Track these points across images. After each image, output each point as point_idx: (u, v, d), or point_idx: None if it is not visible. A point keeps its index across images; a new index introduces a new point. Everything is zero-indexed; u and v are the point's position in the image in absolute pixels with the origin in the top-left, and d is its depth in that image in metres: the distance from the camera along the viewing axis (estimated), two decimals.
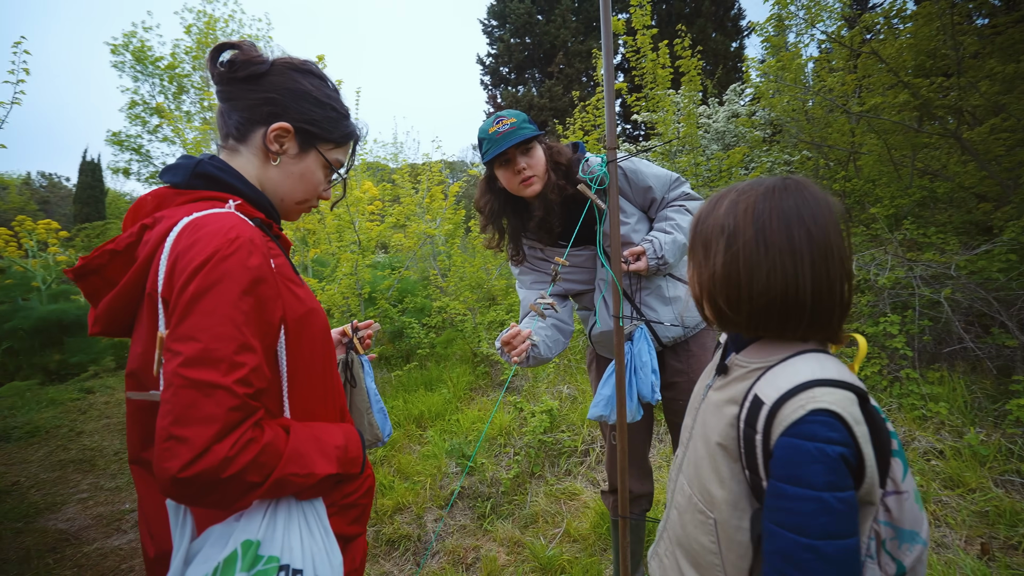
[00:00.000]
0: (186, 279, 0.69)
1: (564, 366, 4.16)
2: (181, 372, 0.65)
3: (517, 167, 1.44)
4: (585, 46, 16.25)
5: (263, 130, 0.88)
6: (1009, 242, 2.91)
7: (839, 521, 0.66)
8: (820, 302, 0.73)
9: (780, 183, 0.78)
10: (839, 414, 0.67)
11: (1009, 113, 3.22)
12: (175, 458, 0.63)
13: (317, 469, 0.76)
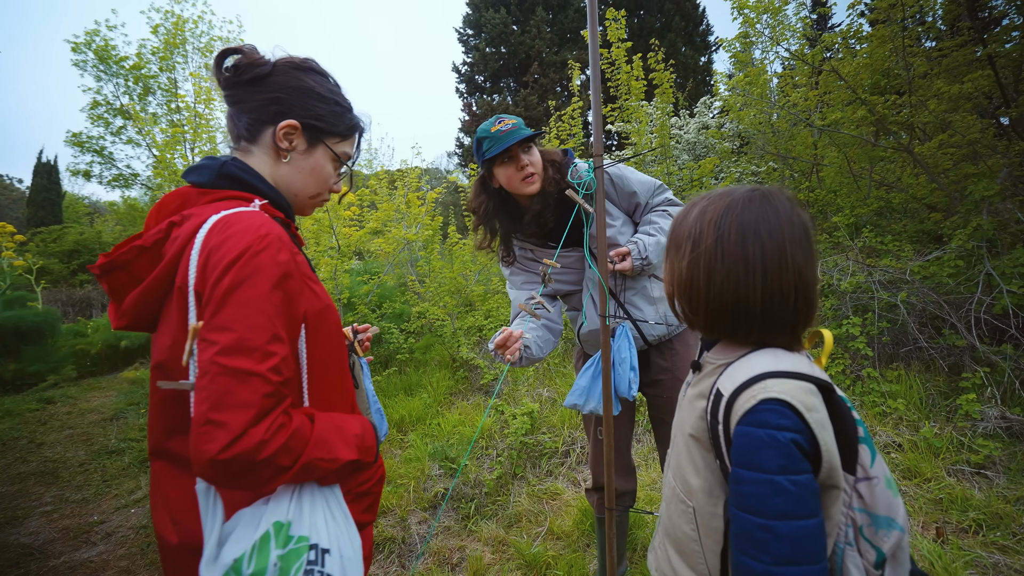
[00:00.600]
0: (220, 273, 0.73)
1: (544, 370, 4.22)
2: (218, 360, 0.69)
3: (520, 164, 1.50)
4: (560, 57, 16.54)
5: (272, 129, 0.91)
6: (957, 249, 3.13)
7: (793, 502, 0.70)
8: (770, 311, 0.78)
9: (748, 195, 0.82)
10: (789, 402, 0.72)
11: (955, 130, 3.46)
12: (213, 441, 0.66)
13: (340, 455, 0.80)
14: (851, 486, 0.76)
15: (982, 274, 2.97)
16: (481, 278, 5.70)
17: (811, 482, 0.71)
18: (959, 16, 4.04)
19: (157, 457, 0.84)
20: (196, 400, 0.69)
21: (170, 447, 0.82)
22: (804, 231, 0.80)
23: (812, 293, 0.80)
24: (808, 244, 0.80)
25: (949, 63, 3.73)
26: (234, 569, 0.69)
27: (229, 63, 0.91)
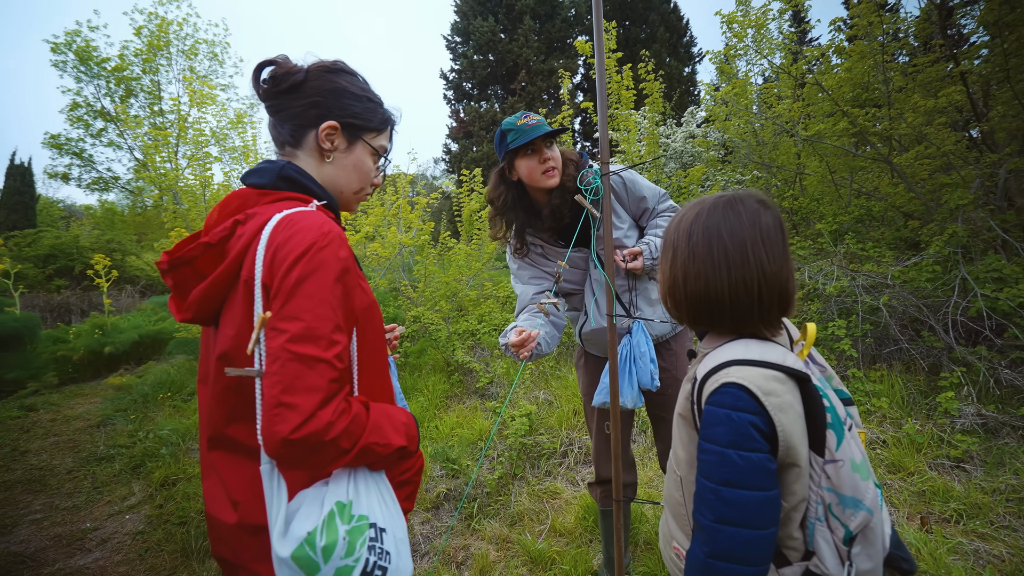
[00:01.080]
0: (288, 267, 0.78)
1: (540, 372, 4.28)
2: (288, 347, 0.74)
3: (543, 156, 1.56)
4: (547, 65, 16.74)
5: (314, 132, 0.96)
6: (934, 255, 3.29)
7: (738, 473, 0.80)
8: (736, 302, 0.89)
9: (715, 202, 0.94)
10: (746, 387, 0.82)
11: (930, 142, 3.65)
12: (286, 422, 0.71)
13: (393, 440, 0.86)
14: (820, 467, 0.84)
15: (958, 279, 3.13)
16: (475, 283, 5.76)
17: (763, 461, 0.81)
18: (932, 34, 4.25)
19: (215, 445, 0.88)
20: (266, 384, 0.74)
21: (229, 433, 0.86)
22: (767, 230, 0.90)
23: (777, 284, 0.89)
24: (771, 241, 0.90)
25: (923, 78, 3.93)
26: (307, 542, 0.74)
27: (266, 75, 0.96)
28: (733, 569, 0.82)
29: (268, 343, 0.76)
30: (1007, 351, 2.98)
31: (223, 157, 5.52)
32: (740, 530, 0.81)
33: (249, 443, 0.85)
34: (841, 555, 0.84)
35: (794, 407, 0.82)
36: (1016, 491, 2.31)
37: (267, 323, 0.78)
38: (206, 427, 0.89)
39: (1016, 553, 1.98)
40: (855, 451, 0.86)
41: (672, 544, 1.02)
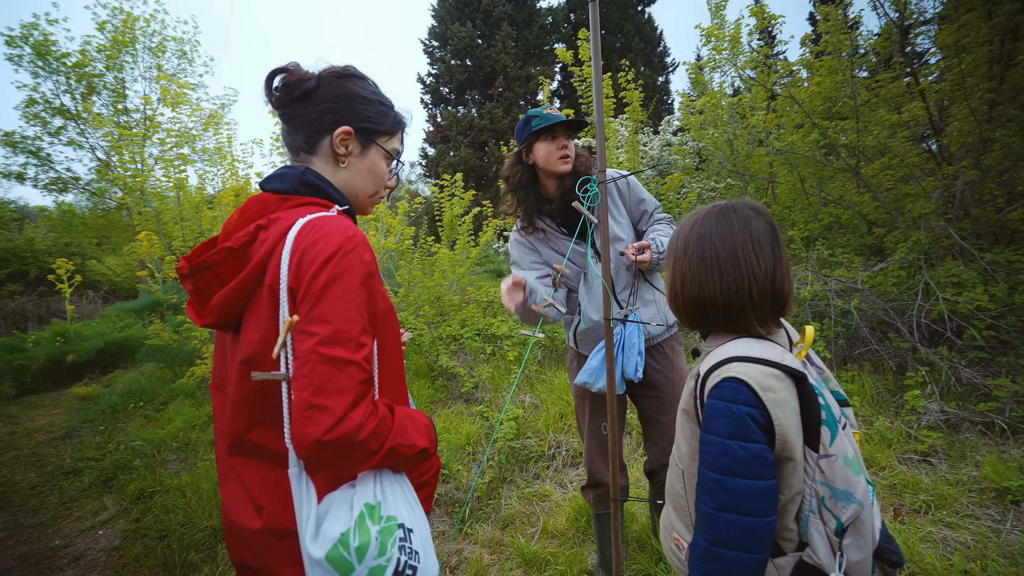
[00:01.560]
0: (316, 270, 0.79)
1: (524, 376, 4.31)
2: (318, 350, 0.75)
3: (561, 143, 1.68)
4: (524, 71, 16.89)
5: (328, 138, 0.97)
6: (899, 261, 3.47)
7: (739, 463, 0.85)
8: (729, 303, 0.96)
9: (708, 211, 1.02)
10: (746, 382, 0.87)
11: (894, 154, 3.85)
12: (317, 424, 0.72)
13: (417, 442, 0.87)
14: (814, 462, 0.89)
15: (921, 283, 3.31)
16: (457, 287, 5.76)
17: (762, 451, 0.86)
18: (892, 52, 4.50)
19: (236, 451, 0.87)
20: (297, 387, 0.75)
21: (252, 438, 0.86)
22: (757, 234, 0.97)
23: (768, 284, 0.96)
24: (761, 245, 0.97)
25: (885, 94, 4.15)
26: (341, 543, 0.75)
27: (278, 83, 0.96)
28: (735, 556, 0.86)
29: (297, 346, 0.77)
30: (966, 351, 3.17)
31: (197, 159, 5.38)
32: (741, 518, 0.86)
33: (273, 447, 0.86)
34: (833, 546, 0.89)
35: (790, 403, 0.88)
36: (977, 482, 2.46)
37: (295, 326, 0.79)
38: (226, 433, 0.89)
39: (979, 540, 2.11)
40: (848, 447, 0.91)
41: (672, 535, 1.07)
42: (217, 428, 0.96)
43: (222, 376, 0.97)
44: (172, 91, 4.69)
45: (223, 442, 0.91)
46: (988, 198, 3.63)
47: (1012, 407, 2.81)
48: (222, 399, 0.96)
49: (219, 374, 0.98)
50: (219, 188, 5.38)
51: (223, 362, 0.97)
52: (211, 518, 2.74)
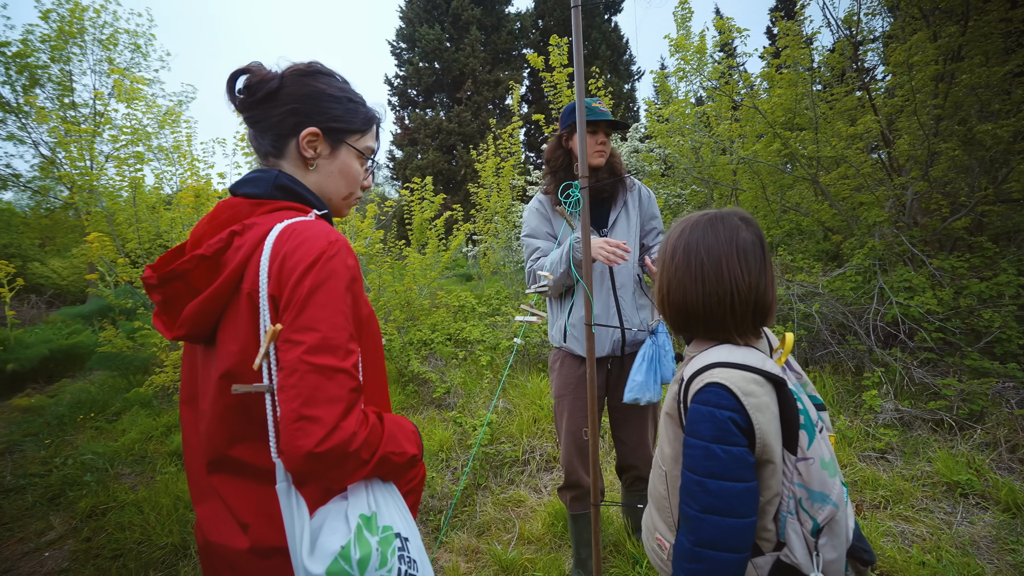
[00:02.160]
0: (299, 276, 0.76)
1: (497, 382, 4.29)
2: (306, 359, 0.72)
3: (600, 139, 1.80)
4: (493, 76, 16.93)
5: (295, 140, 0.92)
6: (856, 266, 3.64)
7: (722, 466, 0.88)
8: (710, 313, 0.99)
9: (697, 220, 1.04)
10: (728, 387, 0.90)
11: (850, 163, 4.05)
12: (309, 435, 0.69)
13: (407, 449, 0.85)
14: (792, 464, 0.92)
15: (876, 288, 3.48)
16: (428, 292, 5.69)
17: (743, 454, 0.88)
18: (845, 68, 4.74)
19: (216, 469, 0.83)
20: (284, 399, 0.72)
21: (233, 455, 0.82)
22: (744, 246, 0.99)
23: (751, 296, 0.98)
24: (747, 256, 0.99)
25: (841, 107, 4.36)
26: (342, 556, 0.72)
27: (240, 85, 0.91)
28: (717, 556, 0.89)
29: (282, 356, 0.74)
30: (917, 352, 3.35)
31: (154, 157, 5.13)
32: (724, 519, 0.88)
33: (255, 463, 0.82)
34: (809, 546, 0.92)
35: (770, 408, 0.90)
36: (930, 477, 2.59)
37: (279, 336, 0.75)
38: (204, 450, 0.84)
39: (934, 532, 2.23)
40: (824, 450, 0.94)
41: (655, 535, 1.09)
42: (189, 445, 0.91)
43: (192, 391, 0.92)
44: (127, 86, 4.46)
45: (199, 460, 0.86)
46: (934, 208, 3.85)
47: (959, 405, 2.98)
48: (192, 415, 0.91)
49: (189, 388, 0.93)
50: (177, 188, 5.16)
51: (193, 376, 0.92)
52: (172, 535, 2.61)
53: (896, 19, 4.47)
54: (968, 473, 2.51)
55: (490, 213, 7.63)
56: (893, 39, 4.54)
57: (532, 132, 17.36)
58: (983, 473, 2.54)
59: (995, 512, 2.33)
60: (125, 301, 5.03)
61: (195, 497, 0.88)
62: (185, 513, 2.75)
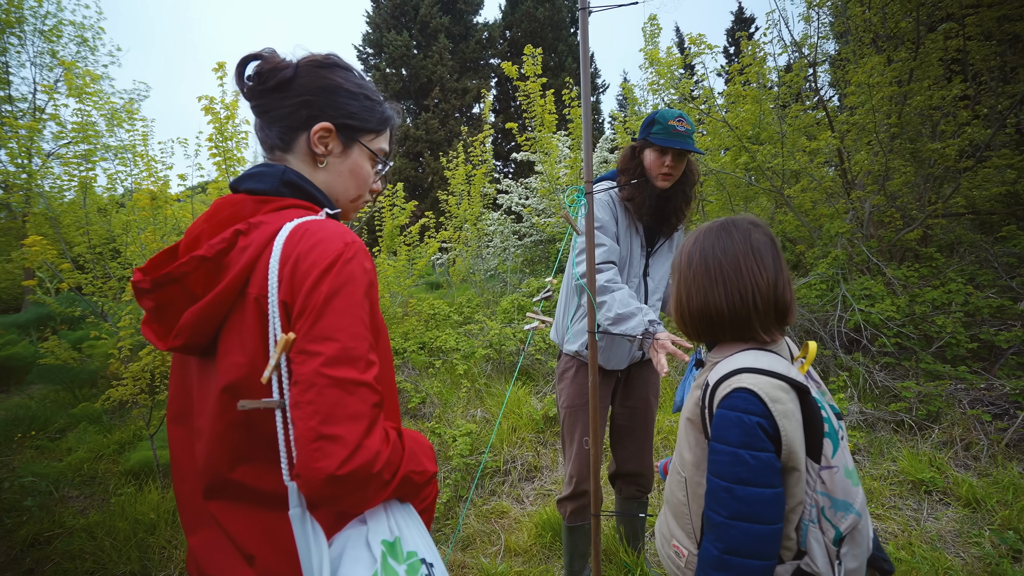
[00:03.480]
0: (315, 280, 0.70)
1: (474, 390, 4.23)
2: (324, 371, 0.66)
3: (668, 163, 1.72)
4: (460, 84, 16.93)
5: (305, 134, 0.86)
6: (820, 275, 3.81)
7: (750, 472, 0.87)
8: (734, 311, 0.99)
9: (710, 227, 1.06)
10: (756, 392, 0.89)
11: (812, 177, 4.25)
12: (329, 457, 0.63)
13: (428, 467, 0.80)
14: (816, 473, 0.91)
15: (839, 296, 3.65)
16: (401, 300, 5.58)
17: (772, 460, 0.88)
18: (802, 87, 5.00)
19: (215, 494, 0.76)
20: (300, 416, 0.66)
21: (236, 478, 0.75)
22: (758, 246, 1.01)
23: (772, 293, 0.99)
24: (762, 255, 1.00)
25: (799, 123, 4.59)
26: None
27: (250, 71, 0.86)
28: (745, 564, 0.88)
29: (297, 368, 0.68)
30: (878, 357, 3.53)
31: (107, 156, 4.81)
32: (753, 526, 0.87)
33: (261, 487, 0.75)
34: (831, 555, 0.92)
35: (795, 415, 0.90)
36: (896, 476, 2.72)
37: (293, 346, 0.69)
38: (201, 473, 0.77)
39: (904, 528, 2.33)
40: (848, 459, 0.95)
41: (672, 542, 1.07)
42: (179, 468, 0.83)
43: (183, 406, 0.84)
44: (78, 82, 4.18)
45: (194, 484, 0.78)
46: (888, 220, 4.09)
47: (917, 406, 3.14)
48: (183, 433, 0.83)
49: (179, 404, 0.85)
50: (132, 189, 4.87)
51: (185, 390, 0.84)
52: (130, 561, 2.41)
53: (848, 43, 4.76)
54: (931, 471, 2.65)
55: (460, 221, 7.59)
56: (845, 61, 4.82)
57: (499, 141, 17.43)
58: (944, 470, 2.69)
59: (957, 507, 2.46)
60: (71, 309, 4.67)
61: (188, 525, 0.80)
62: (145, 538, 2.56)
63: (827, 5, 4.62)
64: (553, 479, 3.11)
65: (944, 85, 3.75)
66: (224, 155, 3.38)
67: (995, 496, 2.43)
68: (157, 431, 2.91)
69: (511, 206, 8.19)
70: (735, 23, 20.33)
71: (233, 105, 3.29)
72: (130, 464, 3.07)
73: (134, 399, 2.69)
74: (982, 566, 2.07)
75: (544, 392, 4.20)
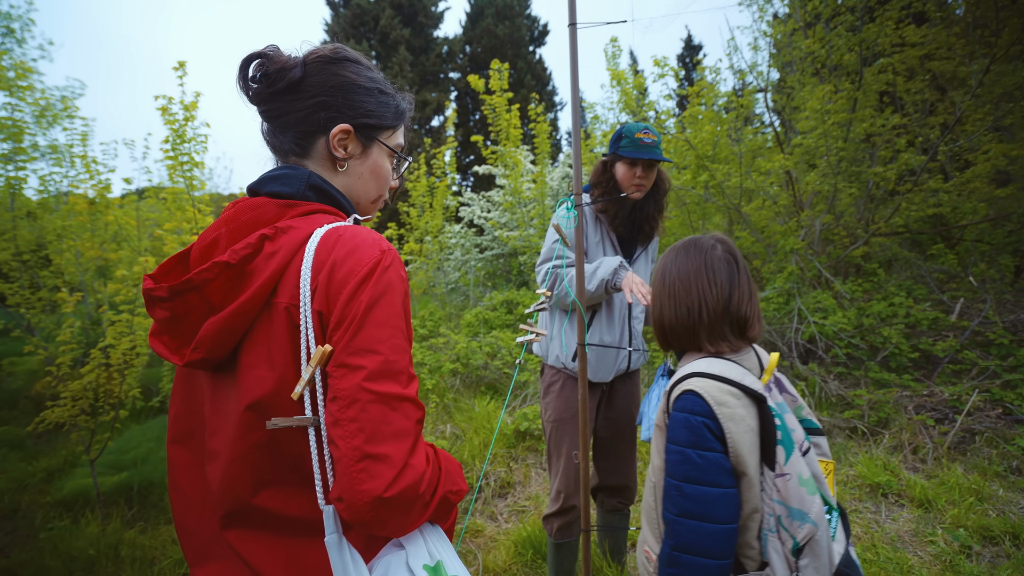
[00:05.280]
0: (354, 289, 0.66)
1: (443, 405, 4.14)
2: (367, 386, 0.62)
3: (638, 173, 1.76)
4: (420, 96, 16.85)
5: (324, 138, 0.81)
6: (777, 289, 3.99)
7: (698, 470, 0.92)
8: (682, 324, 1.08)
9: (677, 247, 1.15)
10: (701, 394, 0.95)
11: (767, 196, 4.48)
12: (376, 478, 0.59)
13: (463, 486, 0.77)
14: (771, 480, 0.93)
15: (795, 309, 3.84)
16: None
17: (719, 459, 0.92)
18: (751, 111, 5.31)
19: (234, 522, 0.68)
20: (342, 434, 0.61)
21: (258, 503, 0.68)
22: (712, 263, 1.08)
23: (720, 307, 1.05)
24: (715, 272, 1.07)
25: (752, 144, 4.85)
26: None
27: (255, 72, 0.79)
28: (695, 561, 0.91)
29: (337, 383, 0.63)
30: (832, 367, 3.72)
31: (36, 156, 4.43)
32: (700, 523, 0.90)
33: (286, 512, 0.69)
34: (791, 566, 0.92)
35: (745, 420, 0.94)
36: (856, 480, 2.85)
37: (330, 359, 0.64)
38: (219, 501, 0.69)
39: (867, 531, 2.44)
40: (802, 468, 0.94)
41: (644, 548, 1.09)
42: (184, 495, 0.75)
43: (190, 426, 0.76)
44: (10, 74, 3.85)
45: (203, 512, 0.71)
46: (836, 238, 4.36)
47: (868, 413, 3.33)
48: (188, 456, 0.76)
49: (184, 424, 0.77)
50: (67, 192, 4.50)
51: (191, 408, 0.76)
52: None
53: (792, 73, 5.09)
54: (886, 474, 2.80)
55: (421, 233, 7.49)
56: (791, 88, 5.16)
57: (458, 154, 17.43)
58: (897, 473, 2.84)
59: (911, 508, 2.60)
60: None
61: (195, 557, 0.72)
62: None
63: (771, 37, 4.95)
64: (527, 495, 3.06)
65: (880, 115, 4.08)
66: (177, 159, 3.17)
67: (944, 496, 2.60)
68: (99, 456, 2.65)
69: (473, 219, 8.18)
70: (685, 49, 21.42)
71: (192, 106, 3.11)
72: (63, 494, 2.78)
73: (73, 421, 2.44)
74: (940, 564, 2.19)
75: (514, 406, 4.16)
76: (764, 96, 5.11)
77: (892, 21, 3.80)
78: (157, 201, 4.78)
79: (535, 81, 18.44)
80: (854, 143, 4.04)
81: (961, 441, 3.06)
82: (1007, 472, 2.77)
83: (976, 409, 3.17)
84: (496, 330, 5.44)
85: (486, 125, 6.39)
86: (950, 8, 4.86)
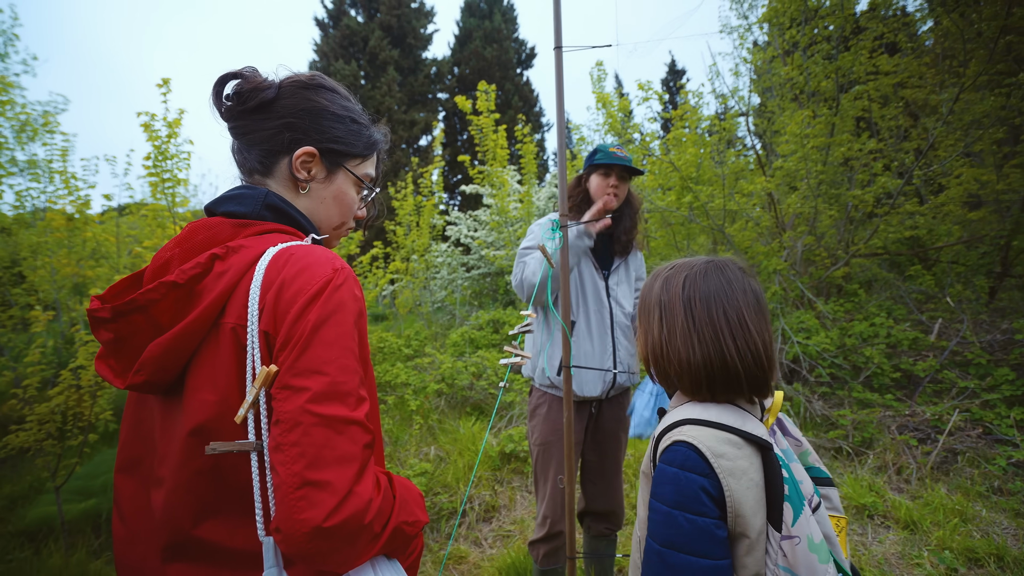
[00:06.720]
0: (301, 308, 0.64)
1: (427, 427, 4.06)
2: (311, 408, 0.59)
3: (612, 182, 1.83)
4: (408, 116, 17.02)
5: (287, 159, 0.82)
6: None
7: (684, 537, 0.76)
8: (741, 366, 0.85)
9: (705, 267, 0.93)
10: (696, 447, 0.79)
11: (749, 217, 4.56)
12: (316, 506, 0.56)
13: (420, 517, 0.73)
14: (776, 543, 0.79)
15: (779, 329, 3.87)
16: None
17: (711, 526, 0.76)
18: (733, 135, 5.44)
19: (176, 555, 0.65)
20: (282, 460, 0.58)
21: (200, 535, 0.65)
22: (755, 298, 0.90)
23: (769, 351, 0.88)
24: (759, 309, 0.90)
25: (734, 168, 4.96)
26: None
27: (229, 90, 0.81)
28: None
29: (280, 405, 0.61)
30: (815, 387, 3.75)
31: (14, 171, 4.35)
32: None
33: (230, 545, 0.66)
34: None
35: (748, 473, 0.79)
36: (842, 501, 2.84)
37: (274, 380, 0.62)
38: (160, 531, 0.66)
39: (855, 553, 2.42)
40: (813, 529, 0.80)
41: None
42: (129, 527, 0.71)
43: (137, 454, 0.73)
44: None
45: (145, 543, 0.67)
46: (817, 259, 4.44)
47: (853, 433, 3.35)
48: (134, 486, 0.72)
49: (132, 450, 0.73)
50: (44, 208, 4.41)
51: (140, 435, 0.73)
52: None
53: (772, 98, 5.25)
54: (871, 495, 2.79)
55: (407, 252, 7.47)
56: (771, 113, 5.31)
57: (445, 174, 17.56)
58: (882, 494, 2.84)
59: (897, 530, 2.59)
60: None
61: None
62: None
63: (751, 64, 5.11)
64: (512, 519, 3.00)
65: (857, 140, 4.21)
66: (160, 176, 3.13)
67: (928, 517, 2.60)
68: (65, 483, 2.54)
69: (460, 238, 8.19)
70: (668, 74, 22.01)
71: (176, 123, 3.08)
72: (26, 522, 2.65)
73: (39, 446, 2.34)
74: None
75: (499, 427, 4.10)
76: (746, 120, 5.26)
77: (866, 50, 3.94)
78: (138, 218, 4.71)
79: (522, 102, 18.74)
80: (833, 166, 4.15)
81: (944, 461, 3.08)
82: (989, 492, 2.79)
83: (957, 429, 3.20)
84: (482, 350, 5.40)
85: (473, 145, 6.47)
86: (920, 39, 5.08)
